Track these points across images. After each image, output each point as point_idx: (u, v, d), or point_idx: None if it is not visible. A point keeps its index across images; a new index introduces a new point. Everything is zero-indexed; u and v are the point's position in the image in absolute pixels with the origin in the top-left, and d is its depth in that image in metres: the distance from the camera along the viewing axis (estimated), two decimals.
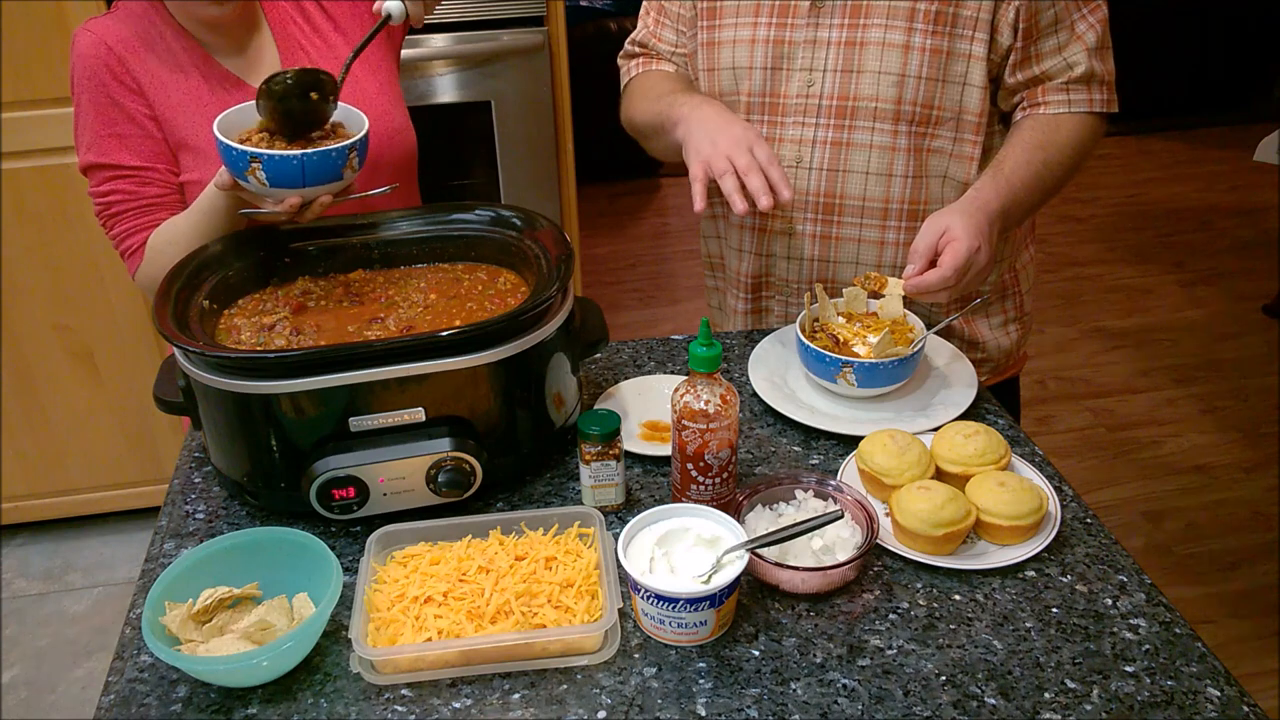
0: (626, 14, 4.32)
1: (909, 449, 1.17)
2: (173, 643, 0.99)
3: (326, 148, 1.23)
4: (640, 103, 1.56)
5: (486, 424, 1.18)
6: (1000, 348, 1.59)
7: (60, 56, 2.18)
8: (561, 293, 1.20)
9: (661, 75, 1.57)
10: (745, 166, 1.29)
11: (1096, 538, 1.14)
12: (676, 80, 1.55)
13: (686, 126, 1.38)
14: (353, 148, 1.25)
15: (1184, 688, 0.96)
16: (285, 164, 1.21)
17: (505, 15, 2.52)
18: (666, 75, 1.57)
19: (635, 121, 1.57)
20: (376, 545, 1.09)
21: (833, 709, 0.94)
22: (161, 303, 1.18)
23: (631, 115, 1.58)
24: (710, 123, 1.35)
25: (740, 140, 1.30)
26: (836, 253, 1.49)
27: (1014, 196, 1.34)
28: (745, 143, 1.30)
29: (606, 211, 4.52)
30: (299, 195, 1.25)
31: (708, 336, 1.07)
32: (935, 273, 1.26)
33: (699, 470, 1.11)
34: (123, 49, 1.39)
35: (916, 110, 1.39)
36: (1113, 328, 3.63)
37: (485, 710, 0.96)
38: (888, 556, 1.12)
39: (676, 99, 1.44)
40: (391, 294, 1.32)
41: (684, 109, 1.40)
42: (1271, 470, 2.89)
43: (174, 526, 1.20)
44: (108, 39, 1.39)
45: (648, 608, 1.00)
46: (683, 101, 1.42)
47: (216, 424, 1.17)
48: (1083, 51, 1.38)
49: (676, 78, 1.56)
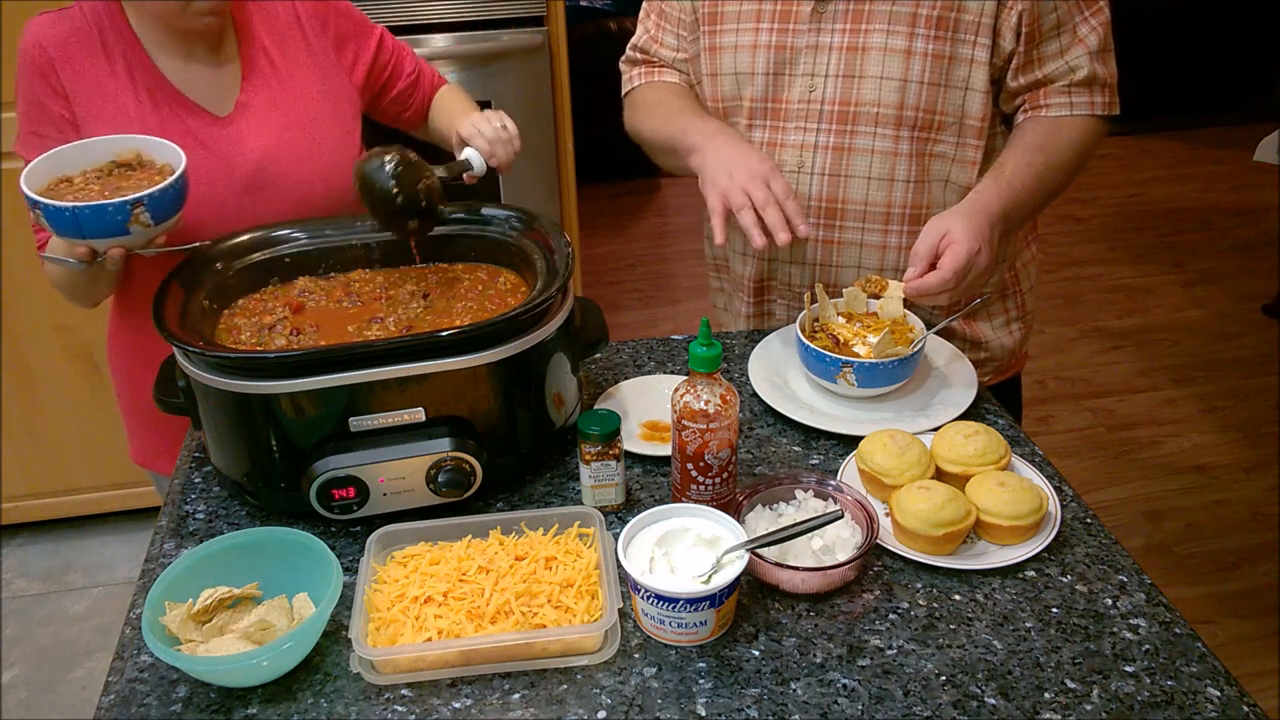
0: (626, 14, 4.31)
1: (909, 449, 1.17)
2: (173, 643, 0.99)
3: (102, 202, 1.17)
4: (649, 120, 1.55)
5: (486, 424, 1.18)
6: (1003, 347, 1.59)
7: None
8: (561, 293, 1.20)
9: (668, 89, 1.57)
10: (763, 201, 1.29)
11: (1096, 538, 1.14)
12: (684, 96, 1.54)
13: (702, 157, 1.38)
14: (138, 202, 1.17)
15: (1184, 688, 0.96)
16: (59, 215, 1.16)
17: (505, 15, 2.52)
18: (674, 90, 1.56)
19: (644, 138, 1.57)
20: (376, 545, 1.09)
21: (833, 709, 0.94)
22: (161, 303, 1.18)
23: (639, 129, 1.58)
24: (725, 153, 1.36)
25: (756, 174, 1.31)
26: (839, 257, 1.49)
27: (1015, 199, 1.34)
28: (762, 176, 1.31)
29: (606, 211, 4.51)
30: (85, 245, 1.21)
31: (708, 336, 1.07)
32: (935, 275, 1.26)
33: (699, 470, 1.11)
34: (55, 50, 1.36)
35: (919, 115, 1.39)
36: (1113, 328, 3.63)
37: (485, 710, 0.96)
38: (888, 556, 1.12)
39: (691, 125, 1.44)
40: (391, 294, 1.31)
41: (699, 138, 1.40)
42: (1271, 470, 2.89)
43: (174, 526, 1.20)
44: (43, 39, 1.36)
45: (648, 608, 1.00)
46: (697, 130, 1.42)
47: (216, 424, 1.17)
48: (1085, 55, 1.38)
49: (684, 93, 1.56)
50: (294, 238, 1.36)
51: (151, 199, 1.18)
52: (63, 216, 1.16)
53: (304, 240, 1.36)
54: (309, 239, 1.36)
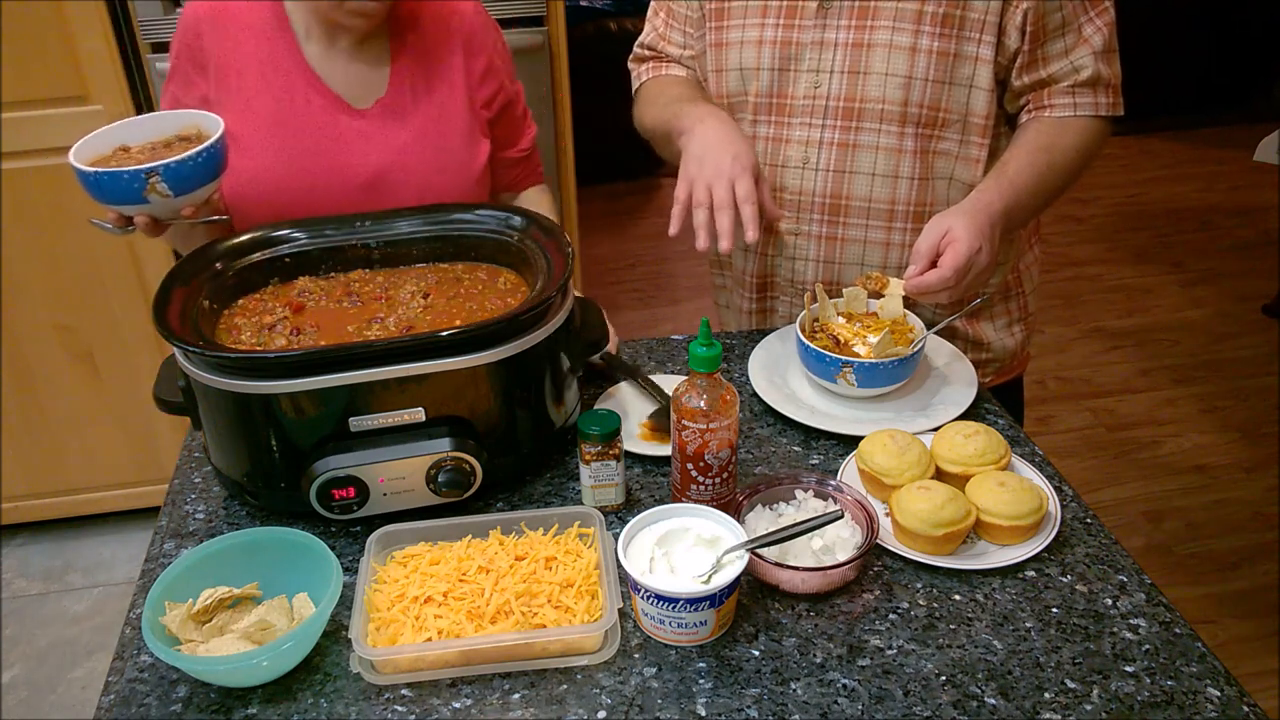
0: (626, 14, 4.31)
1: (909, 449, 1.17)
2: (173, 643, 0.99)
3: (117, 169, 1.20)
4: (650, 108, 1.56)
5: (486, 424, 1.18)
6: (1005, 348, 1.59)
7: (60, 56, 2.19)
8: (561, 293, 1.20)
9: (673, 81, 1.58)
10: (720, 203, 1.29)
11: (1096, 538, 1.14)
12: (687, 85, 1.55)
13: (688, 139, 1.38)
14: (152, 172, 1.19)
15: (1184, 688, 0.96)
16: (82, 179, 1.21)
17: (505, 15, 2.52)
18: (678, 81, 1.57)
19: (647, 128, 1.58)
20: (376, 545, 1.09)
21: (833, 709, 0.94)
22: (161, 303, 1.18)
23: (642, 121, 1.59)
24: (707, 139, 1.35)
25: (724, 172, 1.30)
26: (842, 254, 1.49)
27: (1017, 198, 1.34)
28: (729, 176, 1.30)
29: (606, 211, 4.51)
30: (114, 211, 1.26)
31: (708, 336, 1.07)
32: (935, 273, 1.26)
33: (699, 470, 1.11)
34: (209, 26, 1.42)
35: (923, 112, 1.39)
36: (1113, 328, 3.63)
37: (485, 710, 0.96)
38: (888, 556, 1.12)
39: (684, 108, 1.44)
40: (391, 294, 1.31)
41: (688, 121, 1.40)
42: (1271, 470, 2.89)
43: (174, 526, 1.20)
44: (200, 12, 1.43)
45: (648, 608, 1.00)
46: (689, 112, 1.42)
47: (216, 424, 1.17)
48: (1089, 55, 1.38)
49: (688, 82, 1.56)
50: (294, 238, 1.36)
51: (167, 169, 1.20)
52: (86, 180, 1.20)
53: (304, 240, 1.36)
54: (309, 239, 1.36)
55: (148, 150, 1.29)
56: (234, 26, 1.43)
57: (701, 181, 1.31)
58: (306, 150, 1.43)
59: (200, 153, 1.22)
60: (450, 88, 1.49)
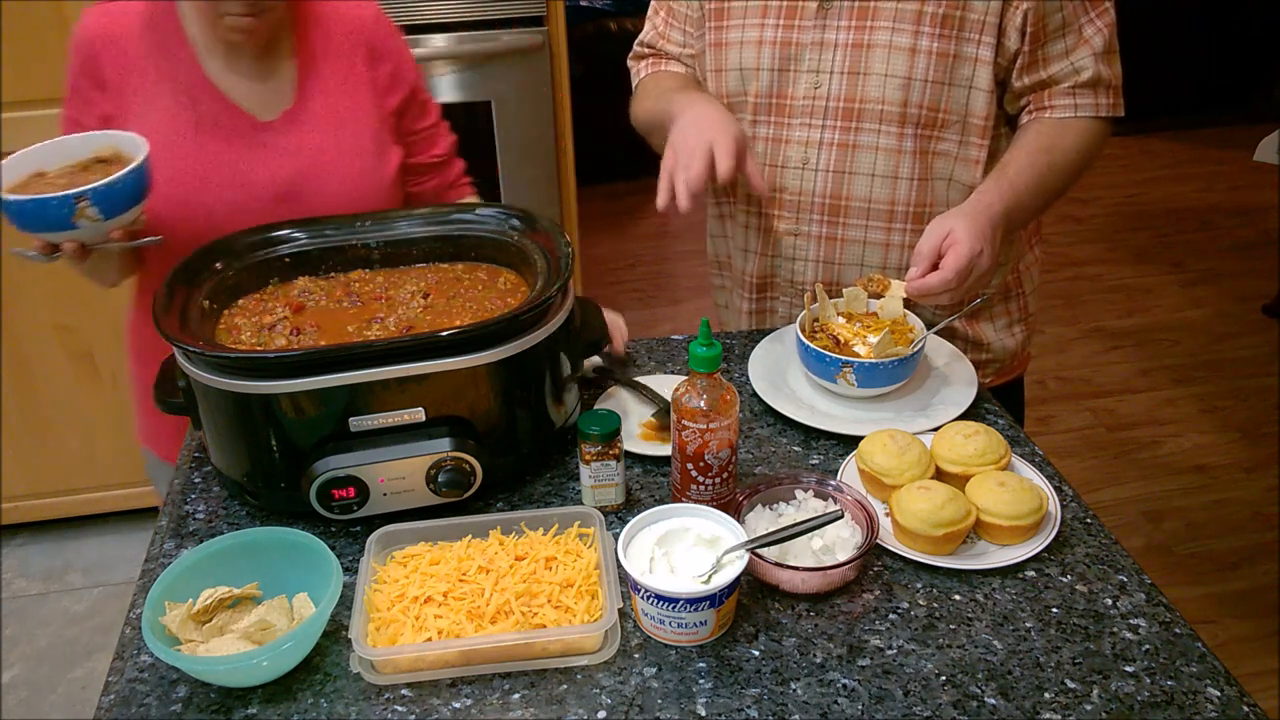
0: (626, 14, 4.31)
1: (909, 449, 1.17)
2: (173, 643, 0.99)
3: (45, 195, 1.14)
4: (645, 101, 1.57)
5: (486, 424, 1.18)
6: (1006, 349, 1.59)
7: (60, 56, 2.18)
8: (561, 293, 1.20)
9: (669, 75, 1.58)
10: (682, 167, 1.30)
11: (1096, 538, 1.14)
12: (682, 79, 1.56)
13: (678, 119, 1.39)
14: (82, 196, 1.14)
15: (1184, 688, 0.96)
16: (7, 208, 1.15)
17: (505, 15, 2.52)
18: (674, 75, 1.58)
19: (641, 121, 1.58)
20: (376, 545, 1.09)
21: (833, 709, 0.94)
22: (161, 303, 1.18)
23: (637, 113, 1.60)
24: (693, 115, 1.36)
25: (699, 150, 1.30)
26: (842, 255, 1.49)
27: (1018, 200, 1.34)
28: (703, 151, 1.30)
29: (606, 211, 4.51)
30: (39, 239, 1.19)
31: (708, 336, 1.07)
32: (937, 275, 1.26)
33: (699, 470, 1.11)
34: (102, 43, 1.37)
35: (922, 113, 1.39)
36: (1113, 328, 3.63)
37: (485, 710, 0.96)
38: (888, 556, 1.12)
39: (675, 96, 1.44)
40: (391, 294, 1.31)
41: (680, 105, 1.40)
42: (1271, 470, 2.89)
43: (174, 526, 1.20)
44: (92, 29, 1.38)
45: (648, 608, 1.00)
46: (680, 99, 1.42)
47: (216, 424, 1.17)
48: (1090, 56, 1.37)
49: (684, 77, 1.57)
50: (294, 238, 1.36)
51: (96, 192, 1.15)
52: (11, 209, 1.14)
53: (304, 240, 1.36)
54: (309, 239, 1.36)
55: (66, 174, 1.24)
56: (129, 43, 1.38)
57: (679, 150, 1.32)
58: (213, 165, 1.39)
59: (129, 174, 1.18)
60: (357, 96, 1.47)
